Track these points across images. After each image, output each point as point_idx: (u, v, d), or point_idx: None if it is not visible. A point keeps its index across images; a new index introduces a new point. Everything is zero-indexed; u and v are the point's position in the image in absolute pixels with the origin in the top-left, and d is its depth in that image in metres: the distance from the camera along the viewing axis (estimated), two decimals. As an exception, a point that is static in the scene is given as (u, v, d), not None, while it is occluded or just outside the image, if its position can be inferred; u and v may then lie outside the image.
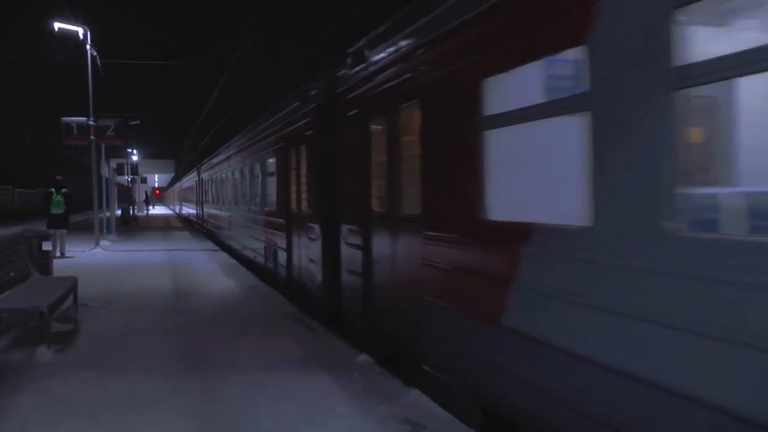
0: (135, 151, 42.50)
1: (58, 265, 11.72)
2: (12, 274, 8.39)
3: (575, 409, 3.58)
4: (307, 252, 9.46)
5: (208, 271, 14.81)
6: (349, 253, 7.64)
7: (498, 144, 4.47)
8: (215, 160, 25.07)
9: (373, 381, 5.86)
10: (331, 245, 8.30)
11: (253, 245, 14.72)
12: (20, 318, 8.15)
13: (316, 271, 8.96)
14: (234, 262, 16.86)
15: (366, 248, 7.04)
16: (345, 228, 7.80)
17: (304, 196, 9.89)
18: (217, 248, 21.23)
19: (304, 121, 9.77)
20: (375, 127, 6.87)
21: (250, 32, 18.83)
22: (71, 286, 8.74)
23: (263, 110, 14.87)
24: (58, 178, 18.49)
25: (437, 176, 5.29)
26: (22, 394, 5.56)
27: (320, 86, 8.92)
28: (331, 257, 8.32)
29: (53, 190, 17.98)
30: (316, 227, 8.85)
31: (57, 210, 17.83)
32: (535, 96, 4.26)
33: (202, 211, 31.12)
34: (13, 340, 7.61)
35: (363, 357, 6.54)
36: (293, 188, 10.60)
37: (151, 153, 51.60)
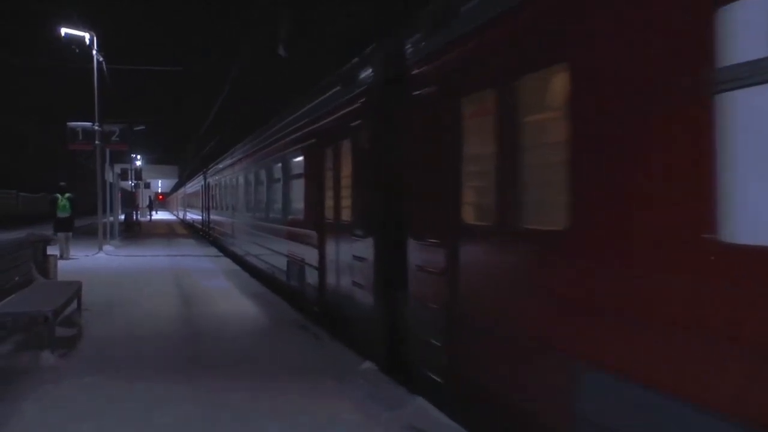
0: (139, 157, 42.61)
1: (63, 270, 11.73)
2: (16, 278, 8.40)
3: None
4: (350, 272, 7.50)
5: (212, 277, 14.80)
6: (423, 279, 5.66)
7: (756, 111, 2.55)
8: (223, 164, 23.28)
9: (378, 388, 5.84)
10: (389, 266, 6.43)
11: (272, 259, 12.76)
12: (24, 322, 8.15)
13: (365, 299, 7.00)
14: (237, 268, 16.86)
15: (453, 273, 5.08)
16: (416, 245, 5.84)
17: (345, 202, 7.90)
18: (220, 254, 21.22)
19: (348, 109, 7.78)
20: (472, 108, 4.98)
21: (253, 34, 18.86)
22: (75, 291, 8.74)
23: (267, 114, 14.79)
24: (62, 183, 19.63)
25: (609, 172, 3.32)
26: (26, 398, 5.55)
27: (375, 62, 7.05)
28: (389, 282, 6.43)
29: (59, 195, 19.00)
30: (368, 242, 6.87)
31: (63, 213, 18.83)
32: None
33: (208, 217, 29.02)
34: (17, 344, 7.60)
35: (367, 364, 6.52)
36: (329, 193, 8.65)
37: (155, 158, 51.71)
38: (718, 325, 2.60)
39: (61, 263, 11.55)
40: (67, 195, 18.95)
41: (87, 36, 21.73)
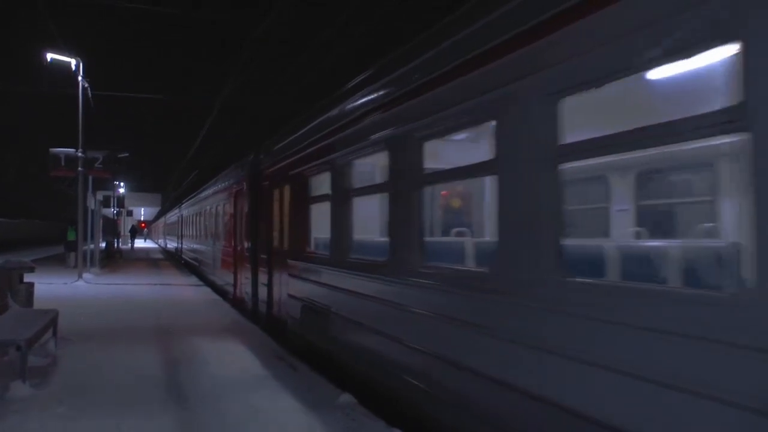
0: (122, 184, 42.35)
1: (40, 298, 11.53)
2: (-10, 306, 8.25)
3: None
4: None
5: (191, 306, 14.63)
6: None
7: None
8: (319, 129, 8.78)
9: (356, 421, 5.78)
10: None
11: None
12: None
13: None
14: (217, 297, 16.67)
15: None
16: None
17: None
18: (201, 283, 20.98)
19: None
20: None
21: (242, 65, 18.92)
22: (51, 319, 8.59)
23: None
24: (73, 218, 24.33)
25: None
26: (-5, 430, 5.43)
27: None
28: None
29: (69, 225, 27.20)
30: None
31: (71, 238, 26.50)
32: None
33: (254, 255, 13.01)
34: (-11, 373, 7.43)
35: (346, 397, 6.45)
36: None
37: (138, 186, 51.45)
38: None
39: (39, 291, 11.38)
40: (73, 226, 25.30)
41: (73, 62, 21.69)
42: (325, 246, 8.21)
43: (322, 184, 8.74)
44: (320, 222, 8.64)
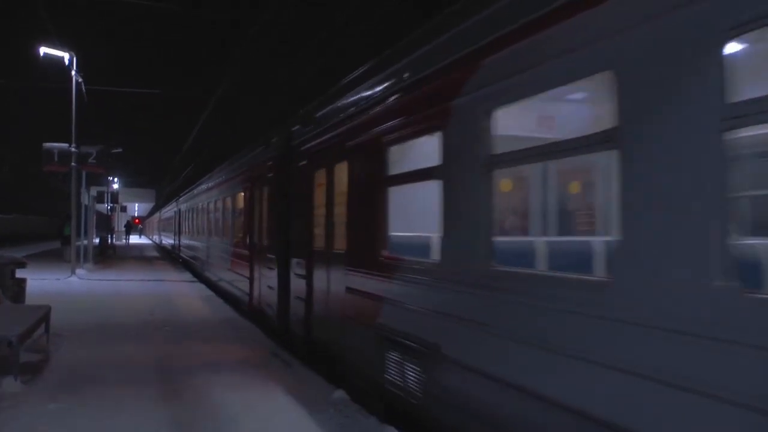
0: (116, 179, 42.16)
1: (33, 294, 11.49)
2: (-18, 301, 8.21)
3: None
4: None
5: (184, 303, 14.59)
6: None
7: None
8: None
9: (349, 417, 5.77)
10: None
11: None
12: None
13: None
14: (211, 293, 16.63)
15: None
16: None
17: None
18: (195, 279, 20.87)
19: None
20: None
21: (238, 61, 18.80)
22: (43, 315, 8.54)
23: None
24: (68, 213, 24.74)
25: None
26: (-14, 426, 5.39)
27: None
28: None
29: (65, 221, 27.05)
30: None
31: (67, 233, 25.88)
32: None
33: None
34: (-20, 369, 7.39)
35: (339, 393, 6.44)
36: None
37: (132, 181, 51.31)
38: None
39: (31, 287, 11.33)
40: (69, 222, 24.99)
41: (66, 56, 21.54)
42: (426, 249, 5.60)
43: (418, 152, 5.68)
44: (412, 212, 6.05)
